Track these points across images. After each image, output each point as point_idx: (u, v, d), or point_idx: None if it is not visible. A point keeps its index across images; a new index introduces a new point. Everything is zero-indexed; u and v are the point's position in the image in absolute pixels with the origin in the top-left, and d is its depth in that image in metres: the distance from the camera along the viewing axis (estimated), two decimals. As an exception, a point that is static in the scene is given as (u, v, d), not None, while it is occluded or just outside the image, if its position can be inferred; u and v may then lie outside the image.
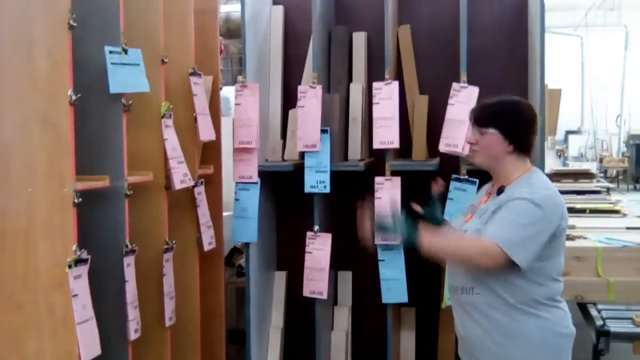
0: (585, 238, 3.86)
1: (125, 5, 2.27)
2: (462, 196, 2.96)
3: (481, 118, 2.21)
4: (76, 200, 1.95)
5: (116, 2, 2.21)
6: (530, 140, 2.23)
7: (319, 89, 3.02)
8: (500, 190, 2.22)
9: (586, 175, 6.54)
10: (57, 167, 1.94)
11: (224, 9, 5.63)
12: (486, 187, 2.39)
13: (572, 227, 4.01)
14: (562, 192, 2.44)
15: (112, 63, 2.17)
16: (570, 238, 3.70)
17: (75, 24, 1.95)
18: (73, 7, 1.96)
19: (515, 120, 2.21)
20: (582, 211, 5.03)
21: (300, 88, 3.08)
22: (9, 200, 1.97)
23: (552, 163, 11.89)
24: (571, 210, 4.19)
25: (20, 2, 1.97)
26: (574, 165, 12.75)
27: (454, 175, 3.01)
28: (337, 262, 3.36)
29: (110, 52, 2.17)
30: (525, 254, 2.05)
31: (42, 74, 1.94)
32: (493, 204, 2.20)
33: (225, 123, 3.35)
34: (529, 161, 2.26)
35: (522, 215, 2.08)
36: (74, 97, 1.94)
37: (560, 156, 15.44)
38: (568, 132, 15.79)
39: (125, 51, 2.24)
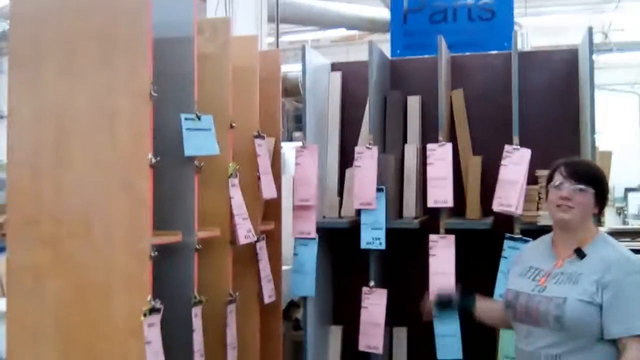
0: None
1: (199, 76, 2.49)
2: (514, 254, 3.02)
3: (581, 175, 2.27)
4: (152, 254, 2.13)
5: (191, 74, 2.43)
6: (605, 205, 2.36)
7: (375, 150, 3.17)
8: (580, 253, 2.24)
9: (644, 233, 6.46)
10: (136, 224, 2.13)
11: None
12: (542, 247, 2.41)
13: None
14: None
15: (187, 129, 2.38)
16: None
17: (156, 94, 2.17)
18: (153, 79, 2.18)
19: (605, 184, 2.33)
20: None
21: (357, 149, 3.23)
22: (91, 256, 2.16)
23: (612, 221, 11.68)
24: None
25: (106, 75, 2.20)
26: (634, 223, 12.51)
27: (507, 234, 3.08)
28: (392, 318, 3.44)
29: (186, 118, 2.39)
30: None
31: (124, 141, 2.15)
32: (577, 267, 2.23)
33: (284, 180, 3.53)
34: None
35: None
36: (153, 160, 2.15)
37: (620, 214, 15.14)
38: (627, 190, 15.49)
39: (199, 117, 2.45)
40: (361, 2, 11.86)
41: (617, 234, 6.30)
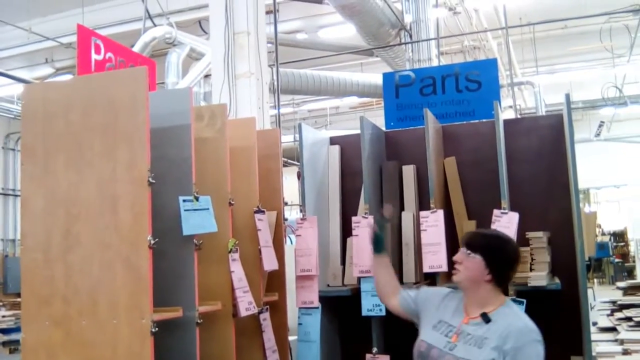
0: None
1: (200, 158, 2.69)
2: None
3: (471, 243, 2.50)
4: (153, 330, 2.28)
5: (189, 158, 2.63)
6: (508, 276, 2.52)
7: (370, 219, 3.32)
8: (485, 318, 2.42)
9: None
10: (137, 301, 2.30)
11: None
12: (455, 303, 2.57)
13: None
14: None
15: (185, 210, 2.56)
16: None
17: (154, 181, 2.37)
18: (152, 165, 2.39)
19: (500, 255, 2.49)
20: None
21: (354, 219, 3.39)
22: (97, 332, 2.33)
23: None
24: None
25: (109, 165, 2.41)
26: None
27: (502, 296, 3.17)
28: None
29: (184, 200, 2.57)
30: None
31: (125, 224, 2.35)
32: (484, 331, 2.41)
33: (289, 250, 3.67)
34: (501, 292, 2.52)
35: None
36: (152, 242, 2.33)
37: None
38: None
39: (197, 198, 2.63)
40: (374, 70, 12.23)
41: (634, 288, 6.30)
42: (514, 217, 3.13)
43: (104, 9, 10.49)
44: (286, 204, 3.67)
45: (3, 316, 7.58)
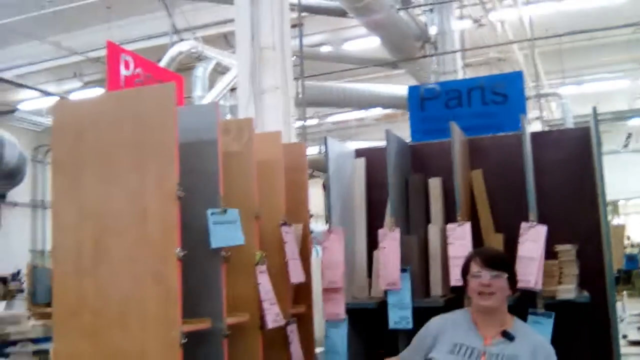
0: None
1: (227, 172, 2.72)
2: (538, 328, 3.07)
3: (495, 263, 2.54)
4: (182, 342, 2.30)
5: (216, 172, 2.66)
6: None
7: (396, 232, 3.33)
8: (509, 336, 2.45)
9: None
10: (166, 313, 2.32)
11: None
12: (465, 325, 2.58)
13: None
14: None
15: (213, 223, 2.59)
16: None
17: (182, 194, 2.40)
18: (181, 178, 2.42)
19: (513, 269, 2.62)
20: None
21: (380, 232, 3.39)
22: (127, 345, 2.36)
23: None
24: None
25: (138, 179, 2.45)
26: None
27: (530, 310, 3.14)
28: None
29: (212, 213, 2.60)
30: None
31: (154, 237, 2.38)
32: (511, 349, 2.43)
33: (315, 262, 3.68)
34: None
35: None
36: (181, 254, 2.36)
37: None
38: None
39: (225, 211, 2.66)
40: (398, 83, 12.24)
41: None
42: (542, 229, 3.11)
43: (130, 24, 10.67)
44: (311, 215, 3.68)
45: (32, 325, 7.71)
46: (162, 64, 9.20)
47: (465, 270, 2.61)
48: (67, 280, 2.50)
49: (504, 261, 2.60)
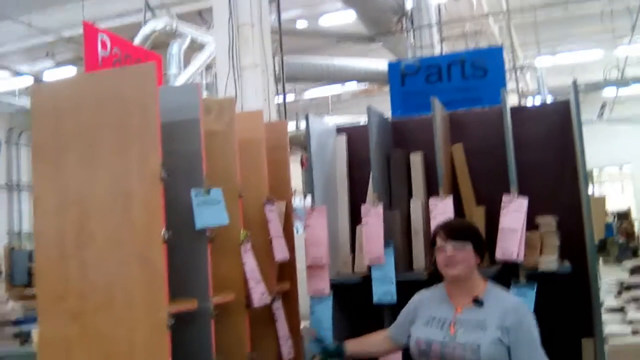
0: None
1: (209, 152, 2.70)
2: (521, 300, 3.12)
3: (458, 234, 2.59)
4: (170, 323, 2.30)
5: (199, 152, 2.64)
6: (485, 254, 2.69)
7: (379, 208, 3.34)
8: (479, 302, 2.53)
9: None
10: (153, 295, 2.32)
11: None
12: (438, 298, 2.69)
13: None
14: None
15: (197, 204, 2.58)
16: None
17: (166, 175, 2.39)
18: (164, 159, 2.40)
19: (480, 237, 2.68)
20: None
21: (363, 207, 3.40)
22: (114, 328, 2.35)
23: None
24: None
25: (121, 161, 2.43)
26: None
27: (513, 281, 3.19)
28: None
29: (196, 194, 2.59)
30: None
31: (139, 220, 2.37)
32: (480, 314, 2.51)
33: (298, 239, 3.69)
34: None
35: (537, 332, 2.50)
36: (167, 236, 2.35)
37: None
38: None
39: (208, 192, 2.65)
40: (376, 57, 12.21)
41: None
42: (524, 202, 3.14)
43: (104, 2, 10.47)
44: (293, 192, 3.68)
45: (12, 308, 7.66)
46: (136, 42, 9.07)
47: (432, 244, 2.70)
48: (51, 265, 2.48)
49: (467, 231, 2.64)
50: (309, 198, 4.85)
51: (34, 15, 10.41)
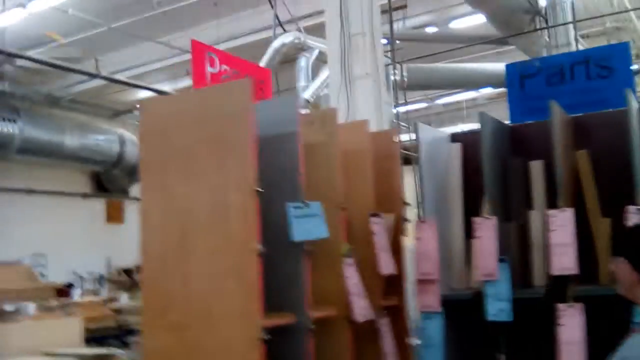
0: None
1: (309, 164, 2.68)
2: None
3: (615, 247, 2.27)
4: (263, 336, 2.30)
5: (297, 165, 2.63)
6: None
7: (492, 220, 3.16)
8: None
9: None
10: (247, 309, 2.33)
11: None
12: None
13: None
14: None
15: (294, 216, 2.56)
16: None
17: (262, 190, 2.39)
18: (262, 173, 2.41)
19: (636, 249, 2.14)
20: None
21: (475, 220, 3.24)
22: (211, 339, 2.38)
23: None
24: None
25: (218, 175, 2.47)
26: None
27: (643, 301, 2.90)
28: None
29: (294, 207, 2.58)
30: None
31: (235, 233, 2.39)
32: None
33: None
34: None
35: None
36: (261, 250, 2.35)
37: None
38: None
39: (307, 205, 2.63)
40: (510, 59, 11.72)
41: None
42: (653, 214, 2.85)
43: (238, 19, 10.88)
44: (408, 204, 3.58)
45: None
46: (267, 56, 9.32)
47: None
48: (155, 278, 2.56)
49: (621, 244, 2.24)
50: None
51: (172, 35, 11.02)
